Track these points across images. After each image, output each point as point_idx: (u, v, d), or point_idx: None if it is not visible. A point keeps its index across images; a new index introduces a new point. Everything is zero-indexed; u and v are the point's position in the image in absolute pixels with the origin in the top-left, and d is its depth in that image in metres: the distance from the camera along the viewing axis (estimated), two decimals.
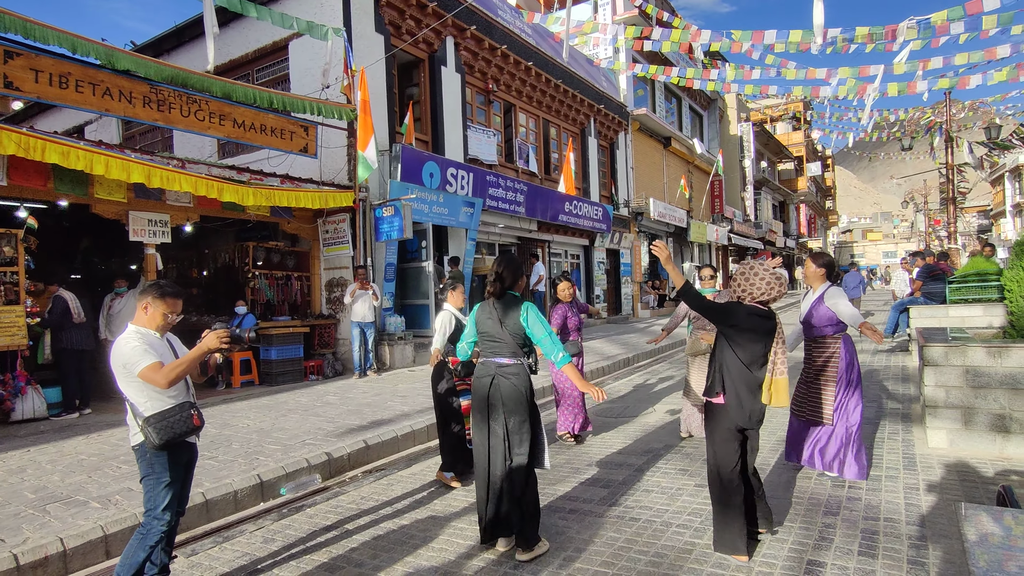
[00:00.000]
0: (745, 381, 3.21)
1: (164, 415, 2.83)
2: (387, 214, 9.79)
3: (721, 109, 31.42)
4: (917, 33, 10.44)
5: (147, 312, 2.91)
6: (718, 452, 3.29)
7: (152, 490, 2.86)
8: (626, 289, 20.27)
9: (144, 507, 2.91)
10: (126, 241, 7.76)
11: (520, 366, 3.49)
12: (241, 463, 5.00)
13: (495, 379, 3.46)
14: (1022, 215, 40.63)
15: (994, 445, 4.63)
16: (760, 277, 3.27)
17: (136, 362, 2.74)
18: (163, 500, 2.85)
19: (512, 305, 3.53)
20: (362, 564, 3.41)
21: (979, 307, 8.24)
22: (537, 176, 16.03)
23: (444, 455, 4.76)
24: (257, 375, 9.33)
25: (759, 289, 3.26)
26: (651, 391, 8.25)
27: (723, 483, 3.26)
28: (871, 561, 3.08)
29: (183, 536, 3.99)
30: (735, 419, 3.22)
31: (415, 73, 12.54)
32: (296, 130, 8.97)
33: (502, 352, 3.49)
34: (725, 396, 3.25)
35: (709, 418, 3.39)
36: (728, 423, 3.25)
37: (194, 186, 7.18)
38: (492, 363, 3.51)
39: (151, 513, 2.87)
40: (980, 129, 19.15)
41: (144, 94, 7.13)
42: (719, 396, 3.27)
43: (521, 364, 3.49)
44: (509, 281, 3.60)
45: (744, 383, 3.21)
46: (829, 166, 57.96)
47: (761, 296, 3.27)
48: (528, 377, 3.52)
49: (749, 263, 3.39)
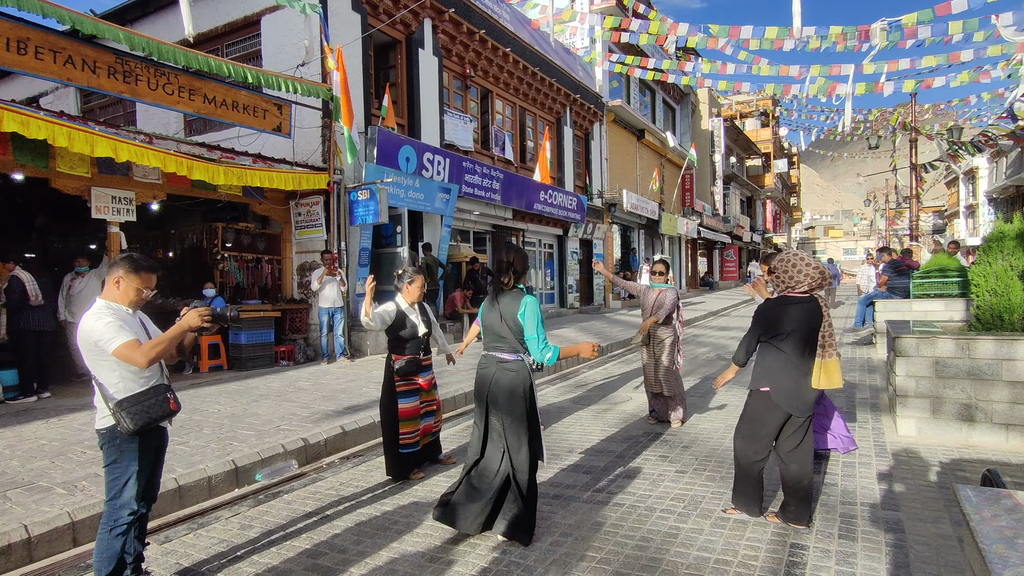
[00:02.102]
0: (796, 370, 3.29)
1: (138, 398, 2.67)
2: (362, 198, 9.61)
3: (693, 104, 31.76)
4: (887, 36, 10.69)
5: (119, 287, 2.71)
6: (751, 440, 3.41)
7: (118, 478, 2.69)
8: (598, 280, 20.41)
9: (106, 495, 2.73)
10: (86, 219, 7.42)
11: (521, 363, 3.35)
12: (214, 448, 4.85)
13: (494, 375, 3.38)
14: (974, 216, 42.31)
15: (960, 433, 4.80)
16: (800, 271, 3.33)
17: (111, 339, 2.56)
18: (131, 490, 2.69)
19: (515, 299, 3.35)
20: (345, 550, 3.34)
21: (941, 302, 8.54)
22: (513, 164, 15.95)
23: (388, 459, 4.49)
24: (226, 360, 9.08)
25: (802, 282, 3.32)
26: (627, 379, 8.32)
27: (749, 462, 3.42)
28: (851, 544, 3.16)
29: (155, 523, 3.85)
30: (786, 407, 3.30)
31: (392, 55, 12.30)
32: (269, 108, 8.70)
33: (503, 348, 3.38)
34: (772, 388, 3.32)
35: (749, 403, 3.47)
36: (773, 413, 3.33)
37: (163, 162, 6.90)
38: (493, 358, 3.42)
39: (115, 502, 2.70)
40: (943, 131, 19.82)
41: (109, 64, 6.80)
42: (764, 387, 3.36)
43: (522, 361, 3.35)
44: (520, 271, 3.45)
45: (794, 372, 3.29)
46: (795, 163, 59.31)
47: (805, 288, 3.33)
48: (528, 375, 3.37)
49: (786, 255, 3.42)
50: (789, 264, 3.36)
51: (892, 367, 5.27)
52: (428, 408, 4.57)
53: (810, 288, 3.34)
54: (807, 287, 3.34)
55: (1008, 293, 5.00)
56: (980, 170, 40.87)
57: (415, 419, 4.44)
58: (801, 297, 3.34)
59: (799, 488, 3.33)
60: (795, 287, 3.35)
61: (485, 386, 3.42)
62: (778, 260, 3.42)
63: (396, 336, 4.41)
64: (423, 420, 4.51)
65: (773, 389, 3.32)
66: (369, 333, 9.91)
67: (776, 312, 3.36)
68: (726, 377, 3.72)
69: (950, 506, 3.60)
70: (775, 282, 3.46)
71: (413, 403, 4.44)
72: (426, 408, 4.54)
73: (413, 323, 4.44)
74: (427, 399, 4.55)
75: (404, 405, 4.39)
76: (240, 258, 9.85)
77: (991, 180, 39.48)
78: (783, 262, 3.39)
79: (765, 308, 3.43)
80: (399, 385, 4.39)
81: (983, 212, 40.39)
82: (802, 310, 3.30)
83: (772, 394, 3.32)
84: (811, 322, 3.30)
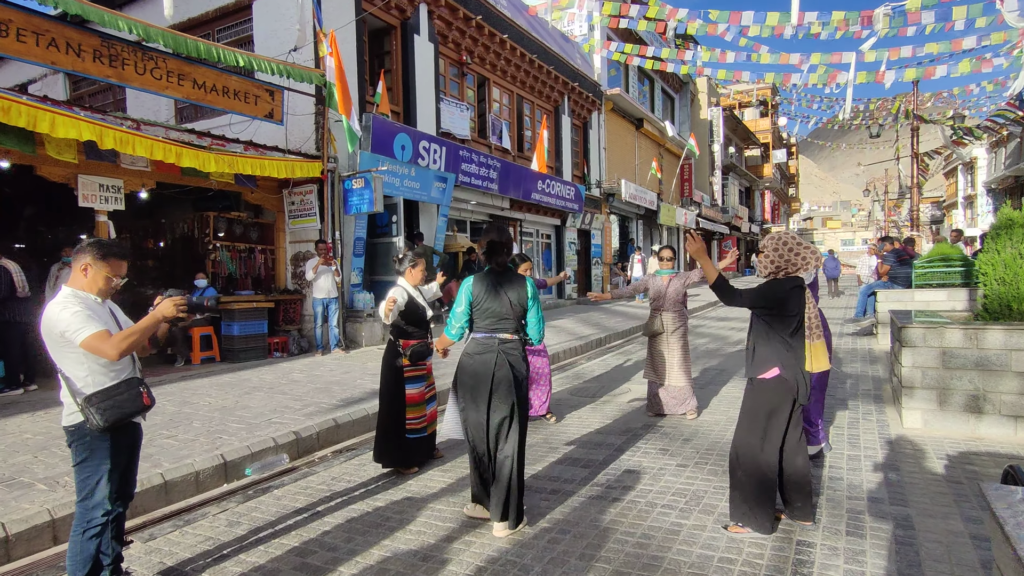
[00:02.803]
0: (794, 353, 3.16)
1: (109, 393, 2.52)
2: (357, 186, 9.43)
3: (692, 93, 31.49)
4: (890, 22, 10.51)
5: (87, 274, 2.55)
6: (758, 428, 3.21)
7: (89, 478, 2.54)
8: (596, 270, 20.27)
9: (77, 496, 2.58)
10: (75, 208, 7.24)
11: (519, 342, 3.38)
12: (203, 442, 4.72)
13: (499, 356, 3.30)
14: (972, 207, 42.24)
15: (967, 426, 4.69)
16: (799, 255, 3.21)
17: (78, 329, 2.41)
18: (104, 489, 2.55)
19: (515, 279, 3.42)
20: (336, 548, 3.22)
21: (944, 291, 8.42)
22: (510, 153, 15.75)
23: (390, 449, 4.32)
24: (218, 352, 8.94)
25: (799, 264, 3.20)
26: (625, 370, 8.20)
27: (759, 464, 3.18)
28: (860, 541, 3.05)
29: (139, 520, 3.74)
30: (792, 393, 3.14)
31: (386, 40, 12.07)
32: (261, 94, 8.50)
33: (506, 327, 3.35)
34: (782, 370, 3.14)
35: (755, 395, 3.26)
36: (780, 399, 3.16)
37: (150, 149, 6.72)
38: (494, 339, 3.34)
39: (87, 503, 2.55)
40: (943, 118, 19.67)
41: (95, 47, 6.61)
42: (774, 371, 3.16)
43: (519, 340, 3.39)
44: (509, 251, 3.45)
45: (793, 355, 3.15)
46: (793, 154, 59.06)
47: (803, 270, 3.21)
48: (526, 353, 3.43)
49: (783, 235, 3.28)
50: (790, 245, 3.21)
51: (898, 357, 5.15)
52: (431, 392, 4.50)
53: (807, 270, 3.22)
54: (802, 270, 3.20)
55: (1017, 282, 4.87)
56: (979, 160, 40.79)
57: (422, 404, 4.37)
58: (798, 280, 3.21)
59: (806, 483, 3.20)
60: (793, 270, 3.20)
61: (488, 370, 3.30)
62: (776, 241, 3.24)
63: (405, 321, 4.29)
64: (429, 405, 4.44)
65: (788, 373, 3.13)
66: (364, 324, 9.78)
67: (789, 294, 3.19)
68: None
69: (960, 501, 3.49)
70: (762, 265, 3.28)
71: (420, 388, 4.37)
72: (430, 393, 4.47)
73: (422, 307, 4.36)
74: (429, 384, 4.48)
75: (411, 391, 4.32)
76: (232, 248, 9.68)
77: (990, 171, 39.41)
78: (782, 244, 3.21)
79: (777, 287, 3.23)
80: (408, 371, 4.30)
81: (981, 203, 40.35)
82: (800, 294, 3.19)
83: (786, 377, 3.13)
84: (803, 306, 3.19)
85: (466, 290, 3.41)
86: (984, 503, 3.30)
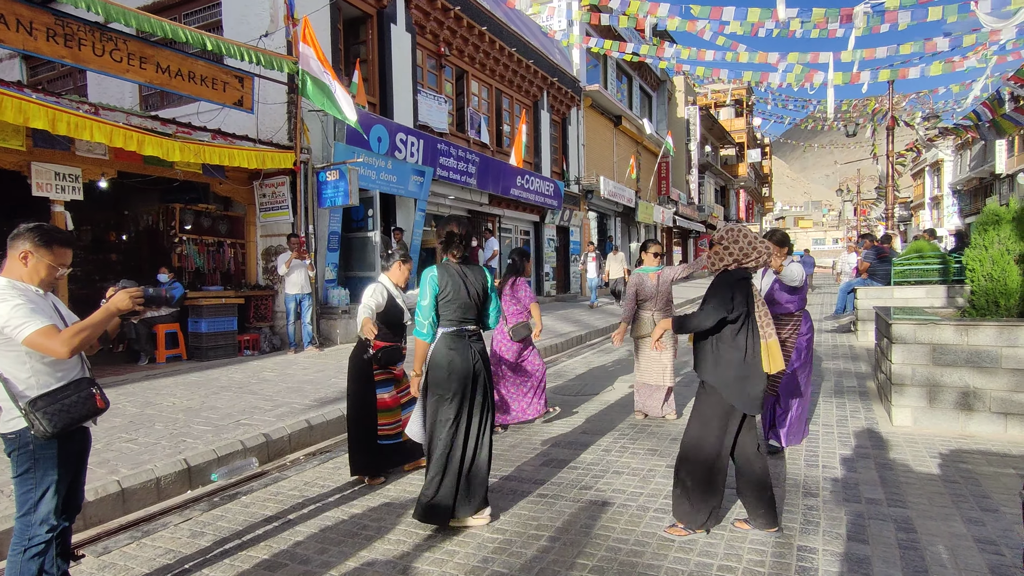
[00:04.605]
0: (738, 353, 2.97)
1: (56, 396, 2.24)
2: (331, 178, 9.11)
3: (670, 91, 31.59)
4: (868, 20, 10.56)
5: (27, 263, 2.26)
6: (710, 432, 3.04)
7: (32, 490, 2.25)
8: (575, 267, 20.15)
9: (17, 511, 2.29)
10: (30, 198, 6.82)
11: (480, 333, 3.35)
12: (165, 446, 4.42)
13: (472, 351, 3.22)
14: (939, 207, 43.34)
15: (957, 423, 4.63)
16: (750, 243, 3.04)
17: (21, 324, 2.13)
18: (49, 503, 2.27)
19: (477, 271, 3.34)
20: (308, 560, 2.98)
21: (922, 288, 8.47)
22: (489, 148, 15.52)
23: (355, 455, 4.06)
24: (185, 350, 8.55)
25: (750, 255, 3.02)
26: (607, 369, 8.06)
27: (708, 465, 3.02)
28: (863, 546, 2.92)
29: (93, 532, 3.44)
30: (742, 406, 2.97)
31: (362, 30, 11.73)
32: (230, 80, 8.13)
33: (472, 319, 3.29)
34: (720, 383, 2.99)
35: (705, 397, 3.10)
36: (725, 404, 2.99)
37: (109, 136, 6.33)
38: (464, 332, 3.24)
39: (29, 518, 2.27)
40: (912, 119, 20.00)
41: (48, 25, 6.19)
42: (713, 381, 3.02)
43: (480, 331, 3.36)
44: (468, 245, 3.34)
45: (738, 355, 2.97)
46: (767, 154, 59.87)
47: (758, 262, 3.04)
48: None
49: (733, 226, 3.12)
50: (749, 238, 3.03)
51: (886, 354, 5.08)
52: (407, 397, 4.18)
53: (760, 263, 3.05)
54: (755, 263, 3.02)
55: (1005, 278, 4.84)
56: (945, 163, 41.85)
57: (394, 410, 4.09)
58: (745, 272, 3.04)
59: (766, 489, 3.04)
60: (743, 260, 3.02)
61: (468, 367, 3.19)
62: (736, 232, 3.05)
63: (380, 321, 3.97)
64: (404, 411, 4.13)
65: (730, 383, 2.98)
66: (339, 321, 9.47)
67: (736, 284, 2.98)
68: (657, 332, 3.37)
69: (959, 502, 3.40)
70: (718, 256, 3.07)
71: (391, 392, 4.09)
72: (406, 398, 4.17)
73: (400, 308, 4.09)
74: (401, 389, 4.19)
75: (382, 395, 4.05)
76: (200, 241, 9.27)
77: (955, 172, 40.45)
78: (742, 236, 3.03)
79: (727, 276, 3.02)
80: (378, 374, 4.03)
81: (947, 203, 41.42)
82: (747, 286, 3.01)
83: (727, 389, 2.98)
84: (751, 301, 3.02)
85: (430, 281, 3.19)
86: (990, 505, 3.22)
